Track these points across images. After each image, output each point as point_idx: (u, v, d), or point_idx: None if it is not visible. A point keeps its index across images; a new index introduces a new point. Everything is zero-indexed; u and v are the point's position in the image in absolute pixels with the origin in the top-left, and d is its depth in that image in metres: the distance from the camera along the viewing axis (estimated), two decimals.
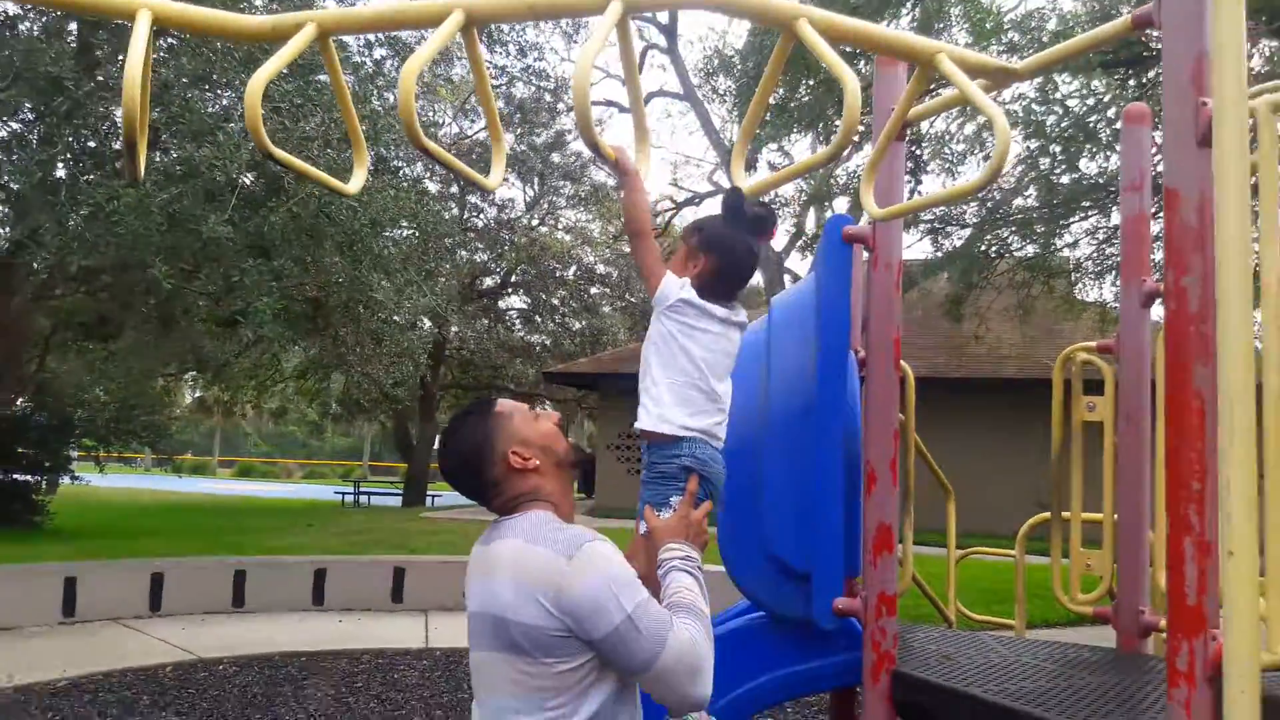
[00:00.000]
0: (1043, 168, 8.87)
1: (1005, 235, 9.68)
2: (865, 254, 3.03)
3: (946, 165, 9.87)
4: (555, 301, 22.94)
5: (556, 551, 1.74)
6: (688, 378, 2.14)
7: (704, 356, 2.17)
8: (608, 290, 23.93)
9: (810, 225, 12.54)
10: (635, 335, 23.12)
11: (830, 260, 2.98)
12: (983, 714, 2.72)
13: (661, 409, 2.13)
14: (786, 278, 12.78)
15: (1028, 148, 9.29)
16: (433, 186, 14.34)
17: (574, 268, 22.99)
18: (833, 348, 2.92)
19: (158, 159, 6.24)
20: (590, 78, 2.00)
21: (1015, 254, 10.04)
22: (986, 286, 10.65)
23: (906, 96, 2.46)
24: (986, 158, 9.77)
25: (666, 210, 16.95)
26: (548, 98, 17.98)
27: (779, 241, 12.72)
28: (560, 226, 23.59)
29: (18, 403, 10.87)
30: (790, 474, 2.94)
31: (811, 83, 8.39)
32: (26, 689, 6.04)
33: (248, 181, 5.93)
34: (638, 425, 2.16)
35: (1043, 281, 10.22)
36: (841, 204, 12.18)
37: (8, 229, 6.15)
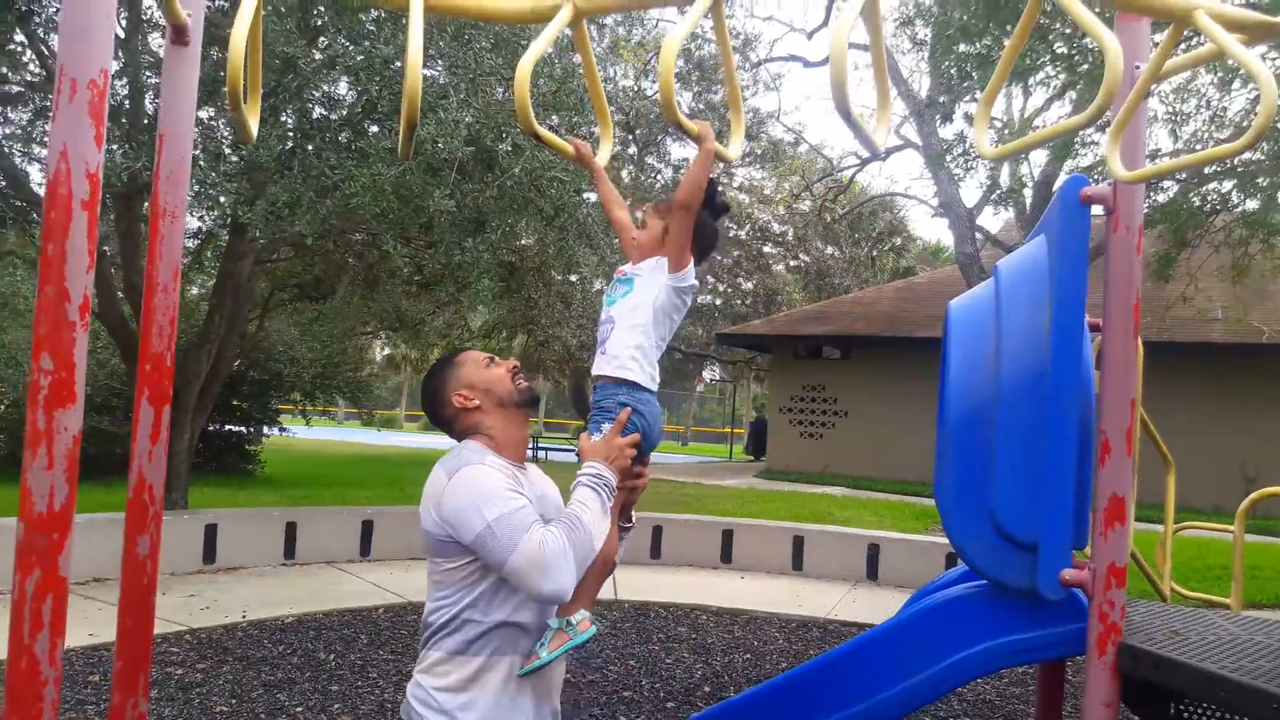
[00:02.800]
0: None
1: (1226, 189, 9.03)
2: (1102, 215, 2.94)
3: (1169, 121, 9.26)
4: (728, 261, 22.90)
5: (446, 472, 2.12)
6: (661, 343, 2.40)
7: (671, 327, 2.44)
8: (782, 249, 23.72)
9: (1004, 179, 12.03)
10: (809, 295, 22.88)
11: (1066, 222, 2.91)
12: (1225, 691, 2.65)
13: (649, 368, 2.35)
14: (978, 235, 12.33)
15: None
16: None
17: (748, 227, 22.88)
18: (1069, 313, 2.87)
19: (380, 136, 6.61)
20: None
21: (1234, 209, 9.35)
22: (1200, 244, 9.99)
23: (1160, 53, 2.38)
24: (1215, 116, 9.11)
25: (851, 166, 16.63)
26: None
27: (970, 197, 12.29)
28: (734, 185, 23.47)
29: (236, 361, 11.81)
30: (1022, 442, 2.91)
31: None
32: (259, 623, 6.62)
33: (453, 157, 6.20)
34: (623, 373, 2.32)
35: (1263, 239, 9.50)
36: (1038, 156, 11.68)
37: (238, 199, 6.63)
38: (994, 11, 7.30)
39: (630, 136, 19.49)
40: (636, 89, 18.64)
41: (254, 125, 2.57)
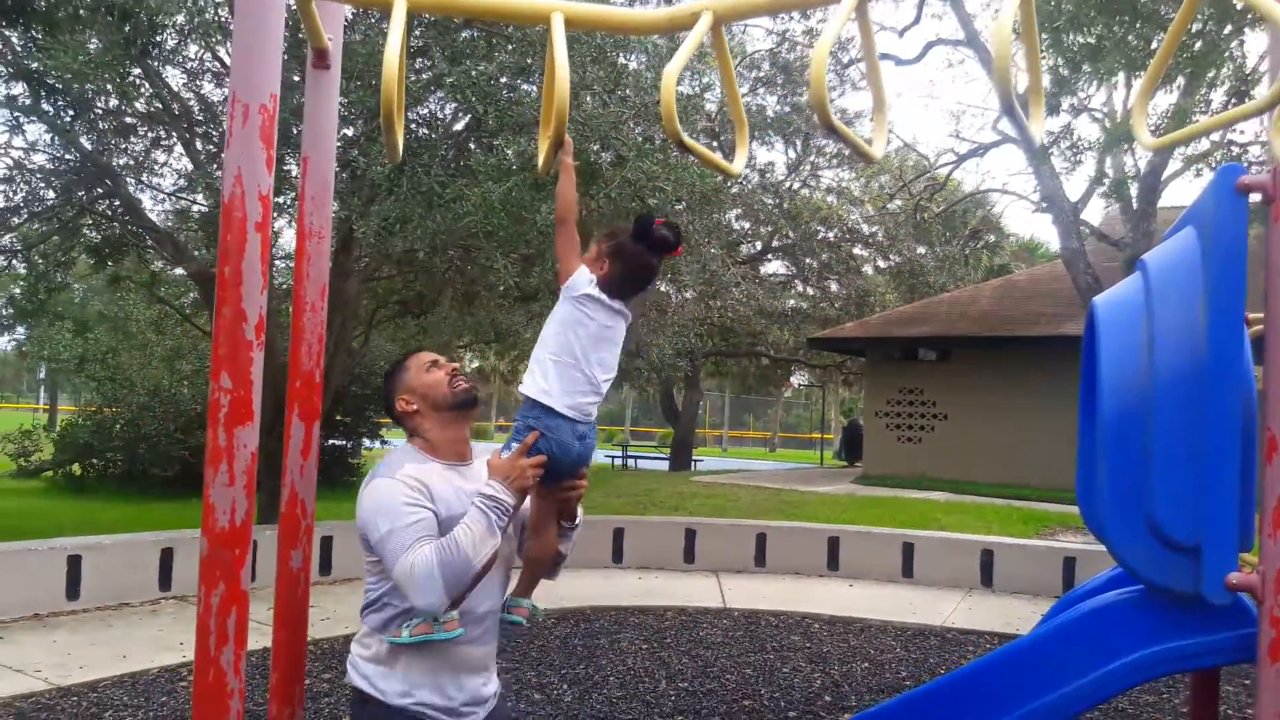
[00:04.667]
0: None
1: None
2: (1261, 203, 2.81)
3: None
4: (816, 265, 22.65)
5: (367, 478, 2.36)
6: (574, 361, 2.38)
7: (589, 344, 2.42)
8: (872, 250, 23.37)
9: (1109, 169, 11.65)
10: (902, 296, 22.49)
11: (1221, 212, 2.79)
12: None
13: (548, 383, 2.38)
14: (1084, 229, 11.97)
15: None
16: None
17: (835, 229, 22.60)
18: (1226, 307, 2.74)
19: (485, 154, 6.71)
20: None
21: None
22: None
23: None
24: None
25: (948, 164, 16.31)
26: (811, 55, 17.71)
27: (1075, 190, 11.95)
28: (821, 187, 23.22)
29: (344, 377, 12.11)
30: (1181, 442, 2.80)
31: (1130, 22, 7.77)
32: None
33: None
34: (522, 389, 2.42)
35: None
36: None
37: (351, 214, 6.79)
38: (1108, 2, 7.06)
39: (716, 144, 19.42)
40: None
41: (399, 147, 2.62)
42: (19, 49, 7.68)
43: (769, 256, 23.91)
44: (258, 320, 2.00)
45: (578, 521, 2.60)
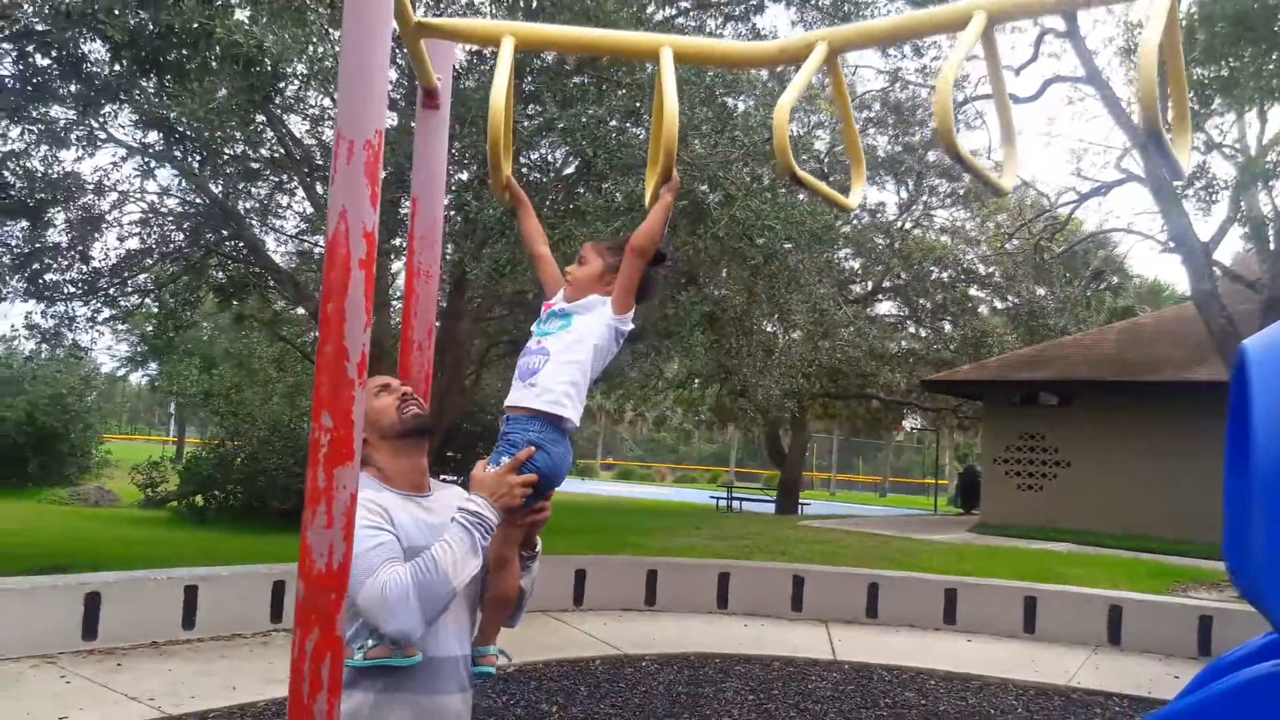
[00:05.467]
0: None
1: None
2: None
3: None
4: (929, 305, 22.11)
5: None
6: (589, 378, 2.32)
7: (605, 362, 2.37)
8: (989, 291, 22.71)
9: (1245, 208, 11.04)
10: (1021, 339, 21.74)
11: None
12: None
13: (580, 405, 2.28)
14: (1216, 270, 11.36)
15: None
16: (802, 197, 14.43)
17: (949, 270, 22.06)
18: None
19: (594, 196, 6.73)
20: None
21: None
22: None
23: None
24: None
25: (1070, 202, 15.74)
26: (924, 94, 17.44)
27: (1205, 231, 11.35)
28: (934, 227, 22.73)
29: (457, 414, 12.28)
30: None
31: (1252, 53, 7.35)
32: (480, 672, 6.71)
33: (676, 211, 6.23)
34: (547, 406, 2.23)
35: None
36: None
37: (464, 256, 6.90)
38: (1244, 31, 6.68)
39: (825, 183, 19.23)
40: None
41: (503, 184, 2.59)
42: (153, 98, 8.08)
43: (880, 297, 23.48)
44: (360, 359, 1.95)
45: (538, 550, 2.46)
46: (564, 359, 2.29)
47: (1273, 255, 11.04)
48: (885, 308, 24.26)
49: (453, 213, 7.77)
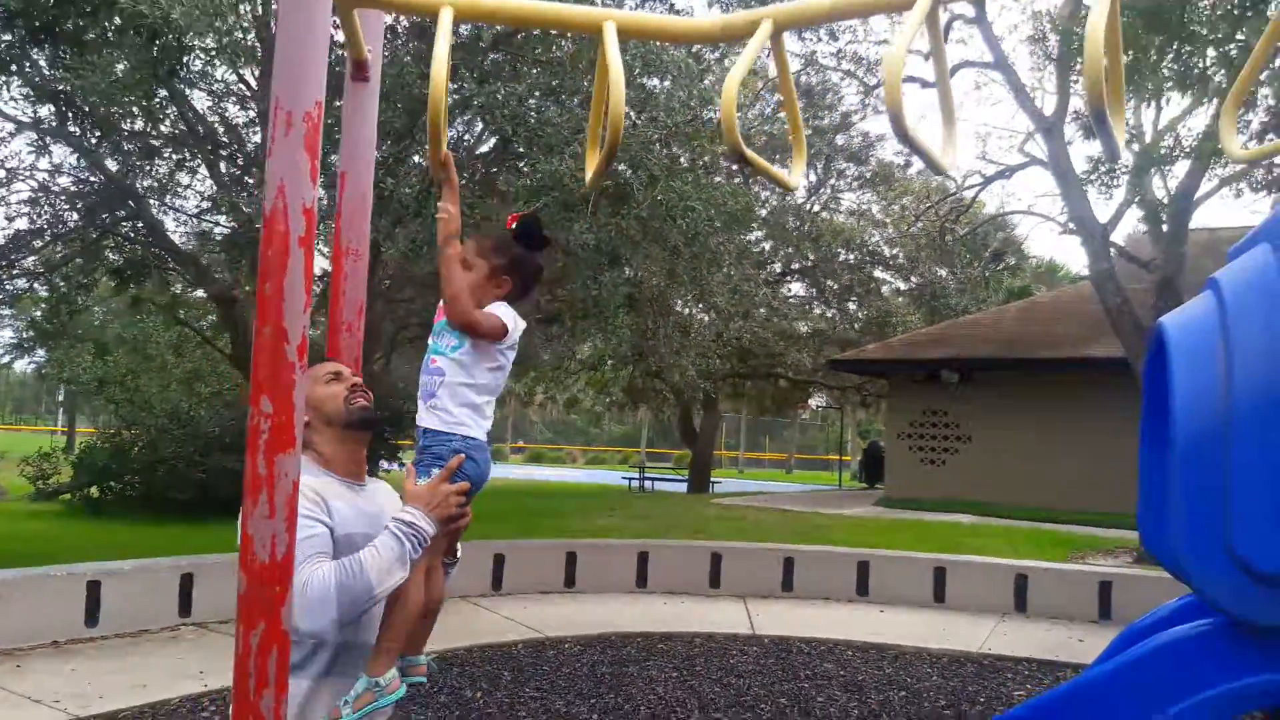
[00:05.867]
0: None
1: None
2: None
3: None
4: (836, 286, 22.50)
5: None
6: (491, 395, 2.33)
7: (503, 378, 2.37)
8: (893, 273, 23.24)
9: (1141, 191, 11.46)
10: (924, 319, 22.31)
11: None
12: None
13: (484, 422, 2.30)
14: (1113, 251, 11.77)
15: None
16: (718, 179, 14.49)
17: (855, 253, 22.47)
18: None
19: (514, 172, 6.63)
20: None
21: None
22: None
23: None
24: None
25: (974, 185, 16.18)
26: (836, 79, 17.70)
27: (1103, 213, 11.78)
28: (842, 209, 23.12)
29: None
30: (1264, 467, 2.65)
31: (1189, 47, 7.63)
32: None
33: (590, 192, 6.16)
34: (455, 429, 2.25)
35: None
36: (1183, 167, 11.09)
37: (378, 235, 6.71)
38: (1151, 23, 6.91)
39: (736, 165, 19.37)
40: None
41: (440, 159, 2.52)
42: (46, 71, 7.66)
43: (788, 278, 23.78)
44: (300, 340, 1.88)
45: (458, 557, 2.46)
46: (457, 382, 2.28)
47: (1166, 237, 11.52)
48: (794, 289, 24.60)
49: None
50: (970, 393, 17.87)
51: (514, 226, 2.43)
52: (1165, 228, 11.52)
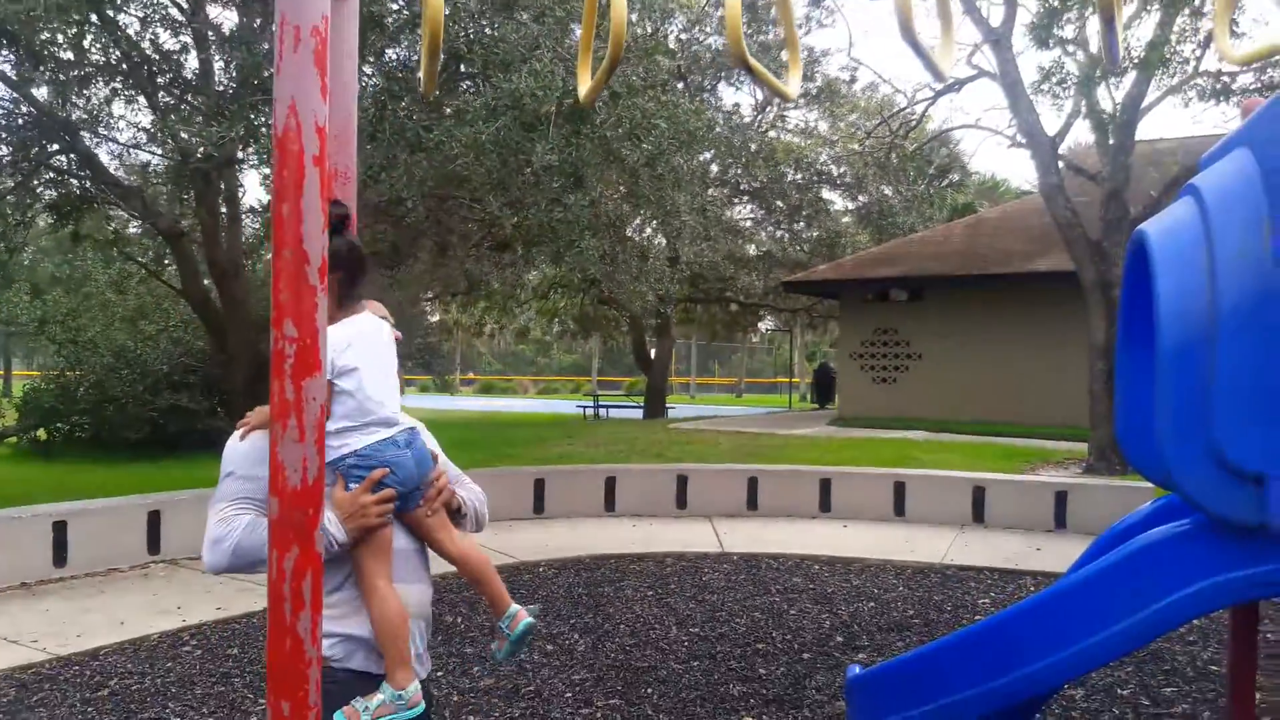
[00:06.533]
0: None
1: None
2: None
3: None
4: (786, 207, 22.49)
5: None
6: (362, 411, 2.20)
7: (377, 381, 2.23)
8: (840, 191, 23.28)
9: (1102, 104, 11.57)
10: (872, 238, 22.47)
11: None
12: None
13: (364, 432, 2.20)
14: (1060, 163, 11.90)
15: None
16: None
17: (803, 173, 22.43)
18: None
19: (471, 91, 6.47)
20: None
21: None
22: None
23: None
24: None
25: (924, 100, 16.17)
26: None
27: (1052, 126, 11.89)
28: (789, 128, 23.01)
29: None
30: (1247, 367, 2.74)
31: None
32: None
33: (550, 111, 6.05)
34: (333, 456, 2.13)
35: None
36: (1130, 78, 11.18)
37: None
38: None
39: (681, 84, 19.14)
40: (688, 35, 18.26)
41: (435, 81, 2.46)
42: None
43: (736, 200, 23.72)
44: (320, 263, 1.84)
45: (465, 509, 2.41)
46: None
47: (1113, 149, 11.67)
48: (741, 211, 24.55)
49: None
50: (920, 310, 18.14)
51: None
52: (1111, 140, 11.66)
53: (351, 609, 2.18)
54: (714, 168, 20.46)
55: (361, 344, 2.22)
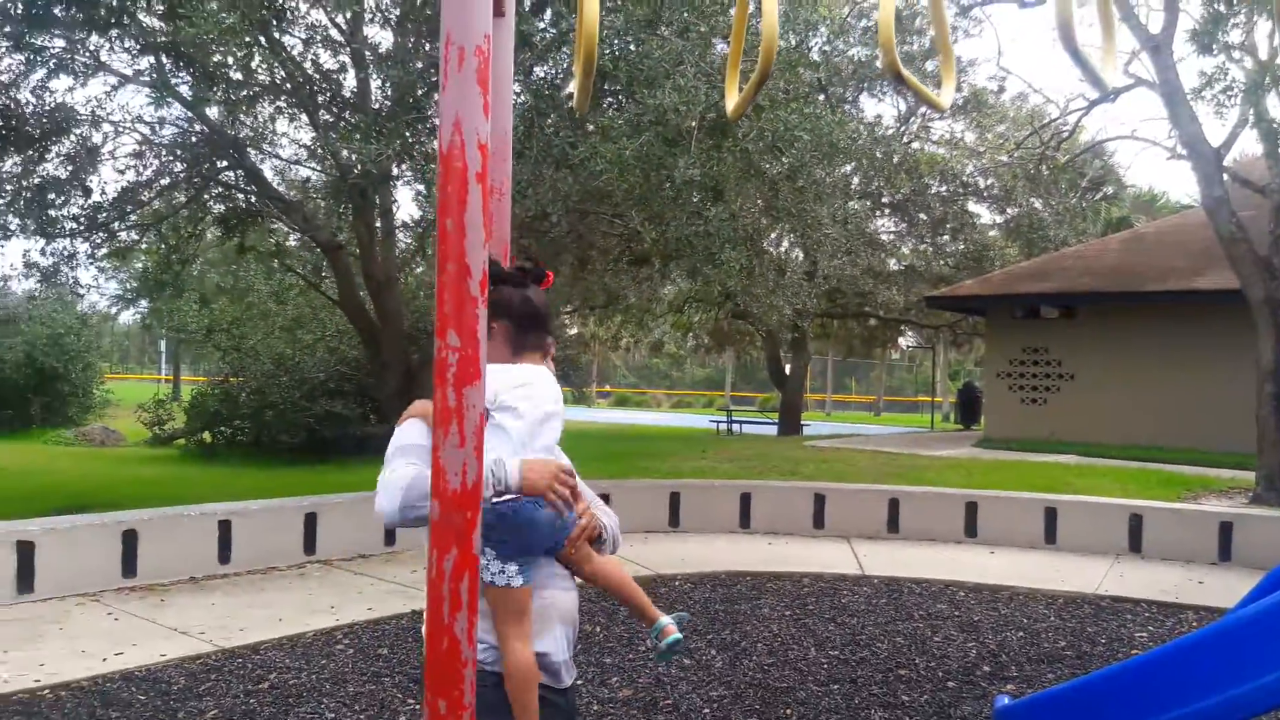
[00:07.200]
0: None
1: None
2: None
3: None
4: (929, 220, 21.93)
5: None
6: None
7: (524, 434, 2.24)
8: (988, 203, 22.57)
9: (1271, 113, 10.89)
10: (1021, 253, 21.69)
11: None
12: None
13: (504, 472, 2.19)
14: (1225, 175, 11.23)
15: None
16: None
17: (947, 185, 21.84)
18: None
19: (612, 108, 6.57)
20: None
21: None
22: None
23: None
24: None
25: (1078, 110, 15.54)
26: (924, 3, 17.09)
27: (1216, 136, 11.24)
28: (932, 139, 22.45)
29: None
30: None
31: None
32: None
33: (692, 125, 6.08)
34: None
35: None
36: None
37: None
38: None
39: (823, 96, 18.95)
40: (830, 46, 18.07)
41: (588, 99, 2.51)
42: (155, 24, 7.84)
43: (878, 213, 23.28)
44: (481, 276, 1.90)
45: (605, 535, 2.47)
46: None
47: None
48: (885, 223, 24.07)
49: None
50: (1072, 328, 17.39)
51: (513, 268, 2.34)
52: None
53: None
54: (855, 180, 20.17)
55: (534, 392, 2.28)
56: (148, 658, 5.10)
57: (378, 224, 10.24)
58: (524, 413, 2.26)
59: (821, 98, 18.91)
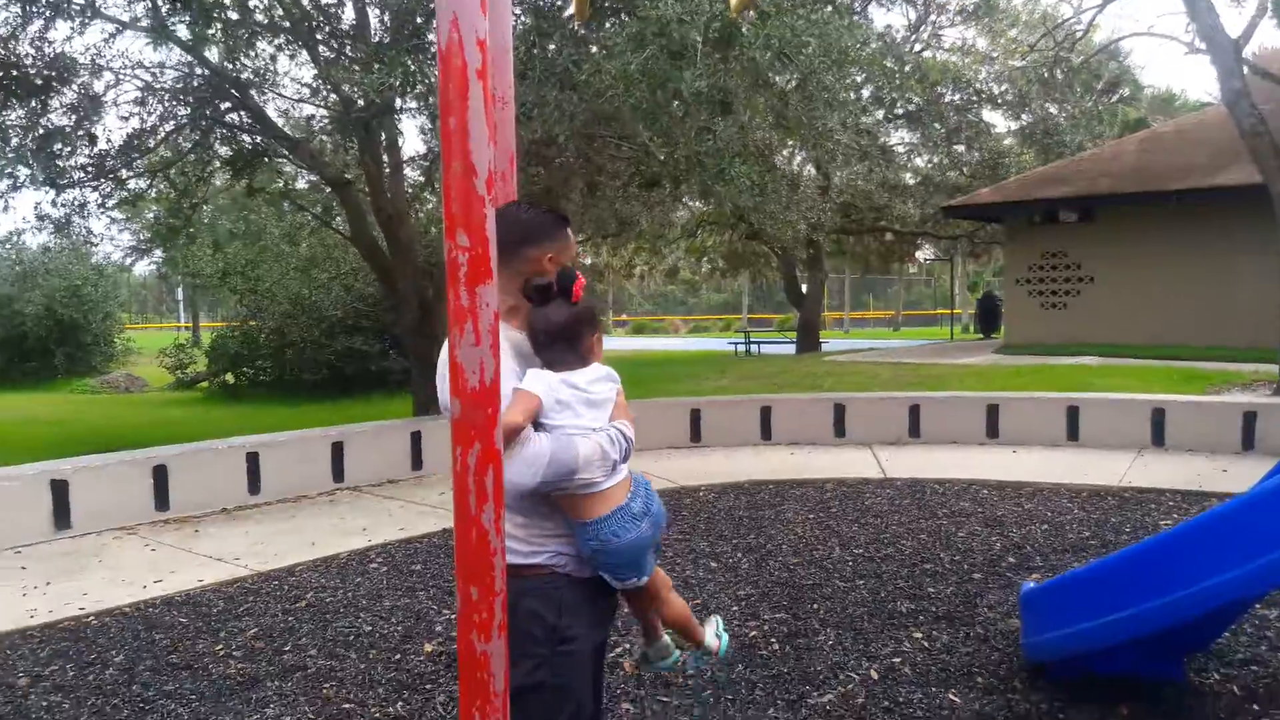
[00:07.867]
0: None
1: None
2: None
3: None
4: (944, 129, 21.53)
5: None
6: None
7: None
8: (1002, 110, 22.12)
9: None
10: (1037, 159, 21.35)
11: None
12: None
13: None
14: (1245, 68, 10.97)
15: None
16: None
17: (960, 93, 21.38)
18: None
19: (617, 26, 6.46)
20: None
21: None
22: None
23: None
24: None
25: (1091, 8, 15.05)
26: None
27: (1235, 26, 10.94)
28: (944, 47, 21.94)
29: None
30: None
31: None
32: None
33: (696, 38, 5.96)
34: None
35: None
36: None
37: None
38: None
39: (830, 7, 18.52)
40: None
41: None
42: None
43: (890, 122, 22.88)
44: (487, 175, 1.90)
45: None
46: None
47: None
48: (897, 136, 23.66)
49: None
50: (1091, 231, 17.18)
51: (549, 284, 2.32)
52: None
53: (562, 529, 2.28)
54: (865, 91, 19.81)
55: (593, 391, 2.29)
56: (186, 584, 5.25)
57: (384, 159, 10.17)
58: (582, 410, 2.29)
59: (829, 9, 18.54)
